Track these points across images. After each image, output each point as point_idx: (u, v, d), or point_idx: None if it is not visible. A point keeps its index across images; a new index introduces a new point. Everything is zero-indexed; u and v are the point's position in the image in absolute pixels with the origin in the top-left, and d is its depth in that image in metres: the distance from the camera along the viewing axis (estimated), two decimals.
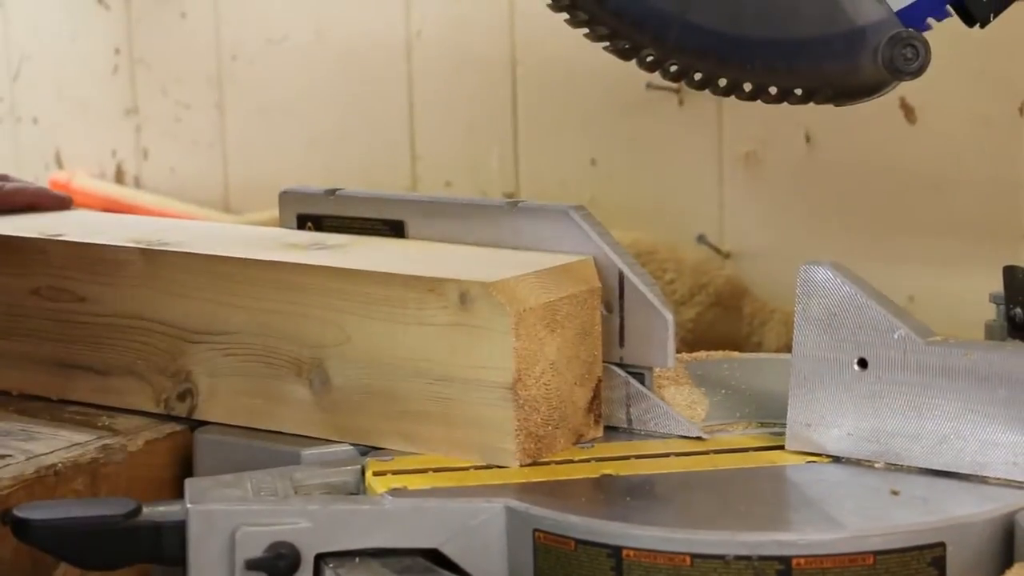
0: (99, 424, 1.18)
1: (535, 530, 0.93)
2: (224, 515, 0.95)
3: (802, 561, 0.87)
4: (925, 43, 1.01)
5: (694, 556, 0.88)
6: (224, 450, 1.13)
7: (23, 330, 1.24)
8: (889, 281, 1.13)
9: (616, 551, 0.90)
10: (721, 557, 0.88)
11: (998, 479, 0.97)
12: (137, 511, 0.97)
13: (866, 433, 1.02)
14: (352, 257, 1.14)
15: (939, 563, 0.89)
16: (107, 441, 1.14)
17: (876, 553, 0.88)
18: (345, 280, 1.10)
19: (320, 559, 0.95)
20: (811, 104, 1.06)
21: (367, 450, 1.08)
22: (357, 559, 0.95)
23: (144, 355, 1.19)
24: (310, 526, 0.94)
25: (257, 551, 0.94)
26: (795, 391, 1.05)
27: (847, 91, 1.05)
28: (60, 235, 1.24)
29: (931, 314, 1.17)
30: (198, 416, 1.17)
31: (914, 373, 1.00)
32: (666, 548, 0.89)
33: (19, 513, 0.97)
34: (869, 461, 1.02)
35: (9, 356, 1.25)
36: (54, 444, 1.13)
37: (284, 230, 1.27)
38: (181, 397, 1.17)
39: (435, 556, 0.96)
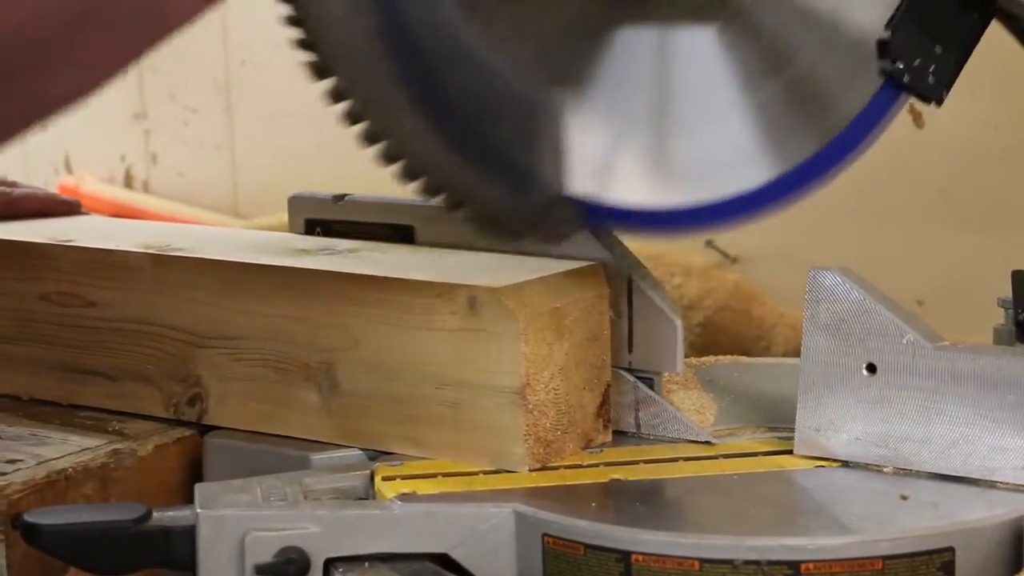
0: (109, 429, 1.18)
1: (544, 535, 0.93)
2: (234, 520, 0.95)
3: (811, 566, 0.87)
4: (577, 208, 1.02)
5: (703, 561, 0.88)
6: (234, 455, 1.13)
7: (33, 335, 1.24)
8: (898, 286, 1.13)
9: (625, 556, 0.90)
10: (730, 562, 0.88)
11: (1007, 484, 0.97)
12: (147, 516, 0.97)
13: (875, 438, 1.02)
14: (361, 262, 1.14)
15: (948, 568, 0.89)
16: (117, 446, 1.14)
17: (885, 558, 0.88)
18: (353, 285, 1.10)
19: (329, 564, 0.95)
20: None
21: (376, 455, 1.08)
22: (366, 564, 0.95)
23: (154, 360, 1.19)
24: (319, 531, 0.94)
25: (267, 556, 0.94)
26: (804, 396, 1.05)
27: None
28: (70, 240, 1.24)
29: (940, 319, 1.18)
30: (208, 421, 1.17)
31: (923, 378, 1.00)
32: (675, 553, 0.89)
33: (29, 518, 0.97)
34: (878, 466, 1.02)
35: (19, 361, 1.25)
36: (64, 449, 1.13)
37: (293, 235, 1.27)
38: (191, 402, 1.18)
39: (444, 561, 0.96)
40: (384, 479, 1.02)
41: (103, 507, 1.05)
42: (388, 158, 1.01)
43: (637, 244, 1.53)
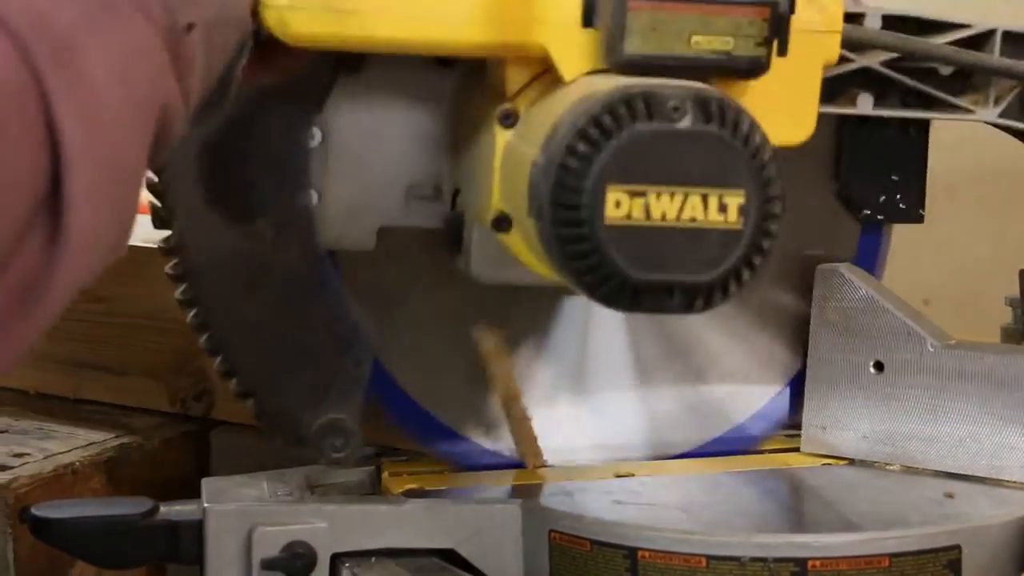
0: (116, 423, 1.18)
1: (551, 531, 0.93)
2: (241, 515, 0.95)
3: (817, 563, 0.87)
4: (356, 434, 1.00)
5: (710, 558, 0.88)
6: (240, 450, 1.13)
7: None
8: (905, 284, 1.13)
9: (632, 552, 0.90)
10: (737, 559, 0.88)
11: (1014, 482, 0.97)
12: (154, 510, 0.97)
13: (882, 436, 1.02)
14: None
15: (955, 566, 0.89)
16: (124, 440, 1.14)
17: (891, 555, 0.88)
18: None
19: (336, 559, 0.95)
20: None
21: (383, 450, 1.08)
22: (373, 559, 0.95)
23: (161, 355, 1.19)
24: (326, 526, 0.94)
25: (274, 551, 0.94)
26: (811, 394, 1.05)
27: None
28: None
29: (947, 317, 1.17)
30: (215, 416, 1.17)
31: (930, 376, 1.00)
32: (682, 549, 0.89)
33: (37, 512, 0.97)
34: (885, 464, 1.02)
35: (26, 355, 1.25)
36: (71, 443, 1.14)
37: None
38: (198, 397, 1.18)
39: (451, 556, 0.96)
40: (391, 474, 1.02)
41: (110, 501, 1.05)
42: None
43: None
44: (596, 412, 1.05)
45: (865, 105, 0.99)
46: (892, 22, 0.97)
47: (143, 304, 1.19)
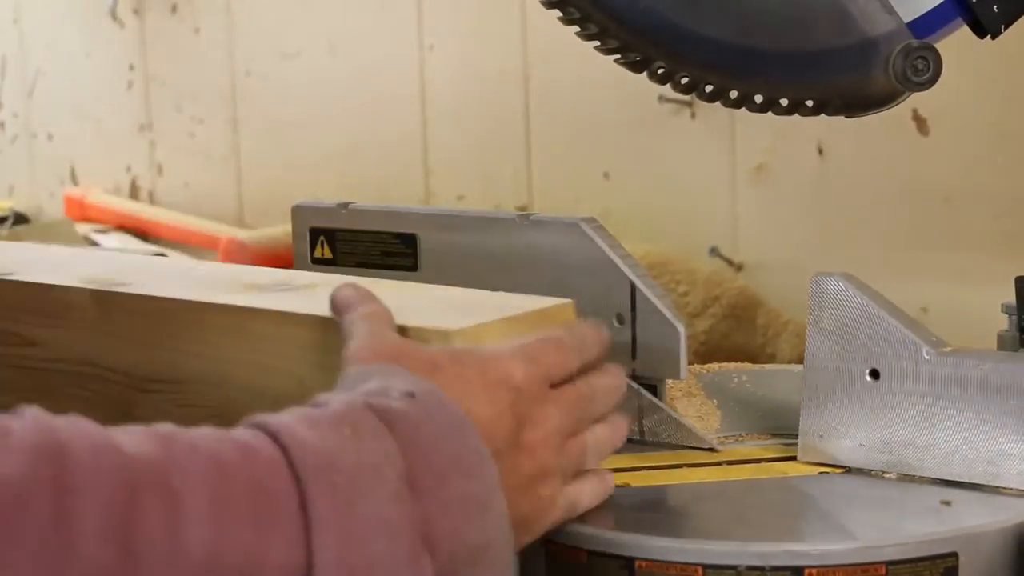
0: None
1: (547, 541, 0.93)
2: None
3: (814, 571, 0.87)
4: (937, 54, 1.01)
5: (706, 567, 0.88)
6: None
7: None
8: (902, 292, 1.13)
9: (629, 562, 0.90)
10: (733, 567, 0.88)
11: (1010, 489, 0.97)
12: None
13: (878, 444, 1.02)
14: (314, 300, 1.02)
15: (951, 573, 0.89)
16: None
17: (888, 563, 0.88)
18: (300, 326, 1.00)
19: None
20: (823, 116, 1.06)
21: None
22: None
23: (95, 404, 1.08)
24: None
25: None
26: (807, 402, 1.05)
27: (858, 102, 1.05)
28: (9, 274, 1.15)
29: (943, 325, 1.17)
30: None
31: (926, 384, 1.00)
32: (678, 559, 0.89)
33: None
34: (881, 472, 1.02)
35: None
36: None
37: (254, 268, 1.21)
38: None
39: None
40: None
41: None
42: None
43: (640, 251, 1.53)
44: None
45: None
46: None
47: (78, 349, 1.11)
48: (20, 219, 2.37)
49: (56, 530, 0.66)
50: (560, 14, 1.04)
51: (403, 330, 0.94)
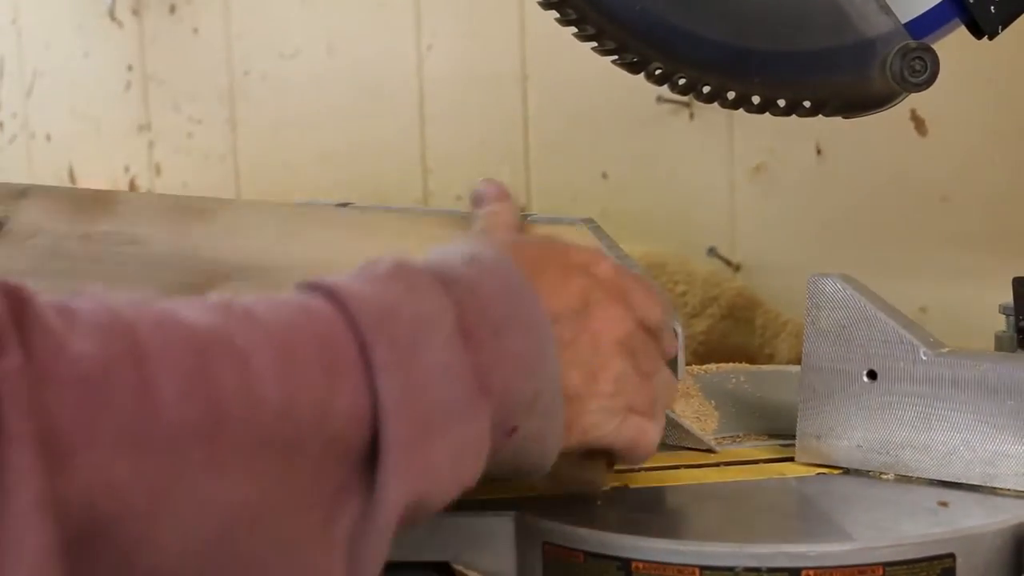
0: None
1: (544, 543, 0.93)
2: None
3: (812, 573, 0.87)
4: (934, 55, 1.01)
5: (703, 568, 0.88)
6: None
7: (59, 269, 1.16)
8: (900, 292, 1.13)
9: (626, 564, 0.90)
10: (731, 569, 0.88)
11: (1008, 490, 0.97)
12: None
13: (876, 445, 1.02)
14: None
15: (949, 574, 0.88)
16: None
17: (885, 564, 0.88)
18: (429, 222, 1.09)
19: None
20: (821, 116, 1.06)
21: None
22: None
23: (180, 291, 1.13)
24: None
25: None
26: (805, 403, 1.05)
27: (856, 103, 1.05)
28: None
29: (941, 325, 1.17)
30: None
31: (924, 384, 1.00)
32: (675, 560, 0.89)
33: None
34: (879, 472, 1.02)
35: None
36: None
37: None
38: None
39: (445, 569, 0.96)
40: None
41: None
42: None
43: (638, 252, 1.53)
44: None
45: None
46: None
47: (176, 244, 1.14)
48: None
49: (142, 397, 0.68)
50: (558, 15, 1.04)
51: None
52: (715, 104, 1.05)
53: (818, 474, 1.03)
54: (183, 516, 0.70)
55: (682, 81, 1.04)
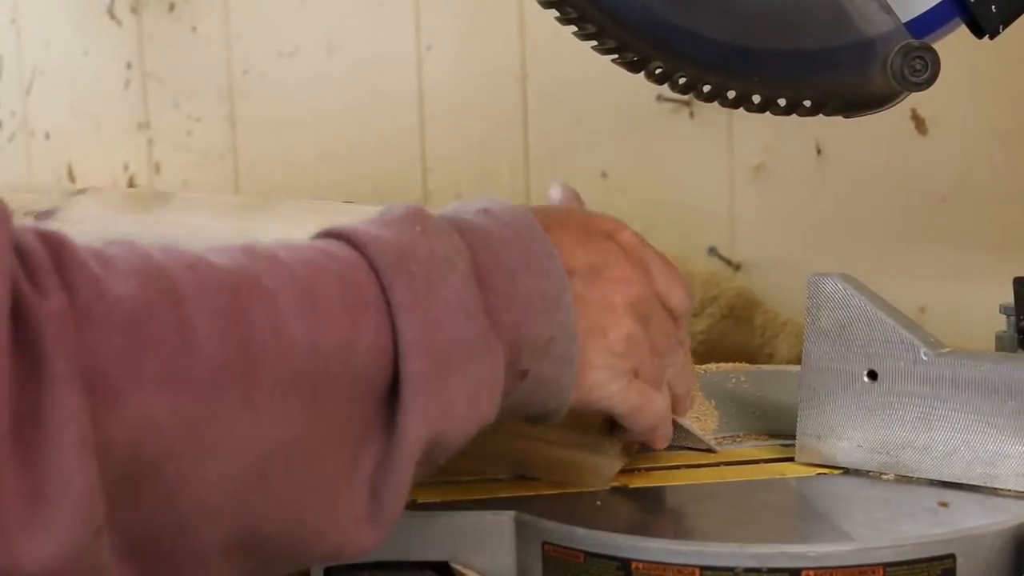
0: None
1: (544, 543, 0.93)
2: None
3: (812, 573, 0.87)
4: (934, 54, 1.01)
5: (703, 568, 0.88)
6: None
7: None
8: (900, 292, 1.13)
9: (625, 564, 0.90)
10: (731, 569, 0.88)
11: (1008, 490, 0.97)
12: None
13: (876, 445, 1.02)
14: None
15: (949, 575, 0.88)
16: None
17: (886, 565, 0.87)
18: None
19: (329, 572, 0.94)
20: (821, 116, 1.06)
21: None
22: (366, 572, 0.95)
23: None
24: None
25: None
26: (804, 403, 1.04)
27: (856, 103, 1.05)
28: None
29: (942, 325, 1.17)
30: None
31: (924, 385, 1.00)
32: (675, 560, 0.89)
33: None
34: (879, 473, 1.02)
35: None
36: None
37: None
38: None
39: (444, 569, 0.96)
40: None
41: None
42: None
43: None
44: None
45: None
46: None
47: None
48: None
49: (180, 336, 0.69)
50: (558, 14, 1.04)
51: None
52: (715, 103, 1.04)
53: (818, 474, 1.03)
54: (221, 455, 0.71)
55: (682, 80, 1.04)
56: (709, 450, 1.09)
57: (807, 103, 1.04)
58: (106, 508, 0.67)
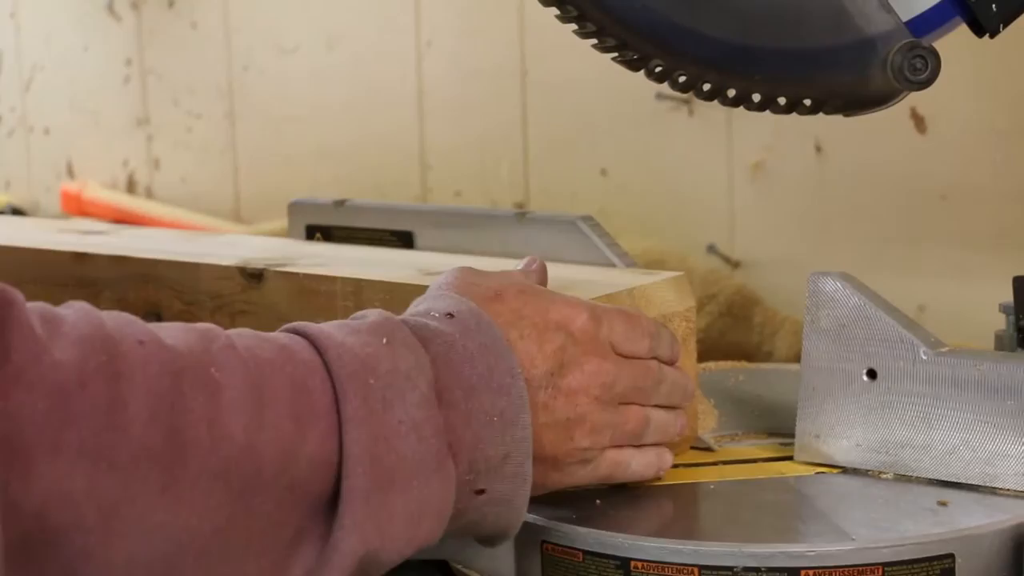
0: None
1: (543, 542, 0.93)
2: None
3: (811, 573, 0.87)
4: (935, 53, 1.01)
5: (702, 568, 0.88)
6: None
7: None
8: (900, 291, 1.13)
9: (624, 563, 0.90)
10: (730, 569, 0.88)
11: (1008, 490, 0.97)
12: None
13: (875, 444, 1.02)
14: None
15: (948, 574, 0.88)
16: None
17: (885, 565, 0.87)
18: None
19: None
20: (821, 114, 1.06)
21: None
22: None
23: None
24: None
25: None
26: (804, 402, 1.04)
27: (856, 101, 1.05)
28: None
29: (941, 324, 1.17)
30: None
31: (924, 384, 1.00)
32: (674, 560, 0.89)
33: None
34: (878, 472, 1.02)
35: None
36: None
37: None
38: None
39: (444, 568, 0.96)
40: None
41: None
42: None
43: (637, 249, 1.53)
44: None
45: None
46: None
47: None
48: (17, 213, 2.37)
49: (109, 413, 0.69)
50: (558, 12, 1.03)
51: None
52: (715, 102, 1.04)
53: (817, 473, 1.03)
54: (131, 536, 0.70)
55: (682, 78, 1.04)
56: (708, 449, 1.09)
57: (807, 102, 1.04)
58: (2, 569, 0.66)
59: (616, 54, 1.05)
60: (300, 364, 0.77)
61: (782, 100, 1.04)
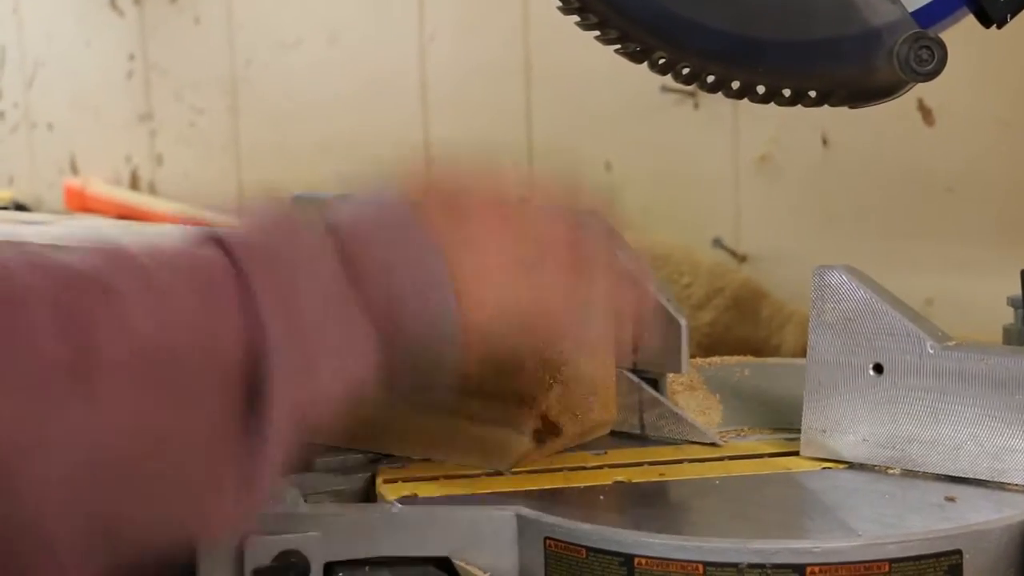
0: None
1: (546, 538, 0.92)
2: None
3: (816, 569, 0.86)
4: (941, 44, 1.00)
5: (707, 564, 0.87)
6: None
7: None
8: (906, 285, 1.12)
9: (628, 559, 0.89)
10: (734, 565, 0.87)
11: (1016, 485, 0.96)
12: None
13: (882, 439, 1.01)
14: None
15: (955, 570, 0.87)
16: None
17: (891, 561, 0.87)
18: None
19: (330, 568, 0.94)
20: (826, 106, 1.05)
21: (378, 457, 1.07)
22: (367, 568, 0.94)
23: None
24: (319, 534, 0.93)
25: (266, 560, 0.93)
26: (810, 397, 1.04)
27: (862, 93, 1.04)
28: None
29: (948, 318, 1.16)
30: None
31: (930, 378, 0.99)
32: (679, 556, 0.88)
33: None
34: (885, 467, 1.01)
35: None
36: None
37: None
38: None
39: (446, 565, 0.95)
40: (385, 481, 1.01)
41: None
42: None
43: (644, 244, 1.52)
44: None
45: None
46: None
47: None
48: (20, 209, 2.37)
49: (11, 336, 0.70)
50: (561, 4, 1.03)
51: None
52: (719, 94, 1.04)
53: (823, 468, 1.02)
54: (61, 450, 0.71)
55: (686, 70, 1.03)
56: (713, 444, 1.08)
57: (812, 94, 1.03)
58: None
59: (619, 46, 1.04)
60: (201, 257, 0.79)
61: (787, 92, 1.03)
